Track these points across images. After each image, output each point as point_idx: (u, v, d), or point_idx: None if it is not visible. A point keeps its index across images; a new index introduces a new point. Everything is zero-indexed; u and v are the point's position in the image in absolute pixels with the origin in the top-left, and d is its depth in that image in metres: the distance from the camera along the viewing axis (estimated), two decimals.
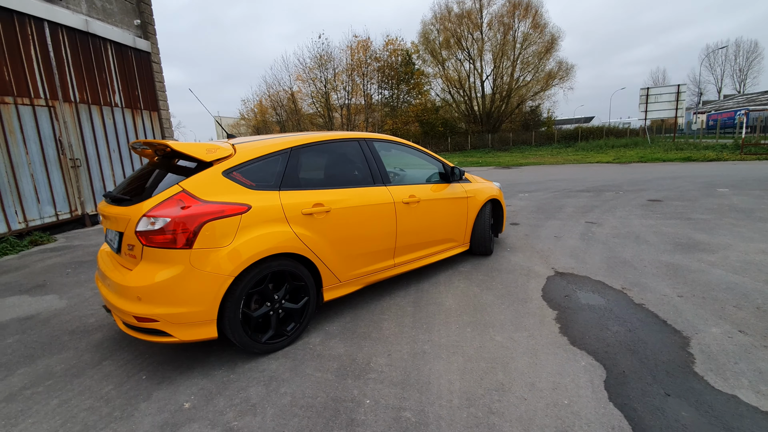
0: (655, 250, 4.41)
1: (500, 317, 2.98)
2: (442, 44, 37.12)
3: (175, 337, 2.26)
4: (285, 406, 2.09)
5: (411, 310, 3.18)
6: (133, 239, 2.29)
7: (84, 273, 4.60)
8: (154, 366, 2.54)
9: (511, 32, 35.44)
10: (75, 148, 7.39)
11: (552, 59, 35.58)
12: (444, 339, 2.70)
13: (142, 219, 2.24)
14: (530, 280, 3.70)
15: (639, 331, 2.68)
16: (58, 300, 3.80)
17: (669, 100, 25.84)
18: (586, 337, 2.64)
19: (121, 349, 2.78)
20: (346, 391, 2.19)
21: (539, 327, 2.81)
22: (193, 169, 2.50)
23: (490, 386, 2.17)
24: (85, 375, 2.48)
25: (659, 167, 14.55)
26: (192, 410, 2.09)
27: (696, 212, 6.21)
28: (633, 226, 5.52)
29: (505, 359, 2.42)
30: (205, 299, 2.29)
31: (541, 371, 2.29)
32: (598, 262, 4.13)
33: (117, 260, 2.55)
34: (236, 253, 2.36)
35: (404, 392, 2.16)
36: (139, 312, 2.21)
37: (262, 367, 2.47)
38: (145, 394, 2.25)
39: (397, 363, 2.44)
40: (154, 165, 2.86)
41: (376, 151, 3.42)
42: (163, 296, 2.22)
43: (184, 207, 2.26)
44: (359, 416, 1.98)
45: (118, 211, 2.43)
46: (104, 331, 3.08)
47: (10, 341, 2.99)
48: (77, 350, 2.80)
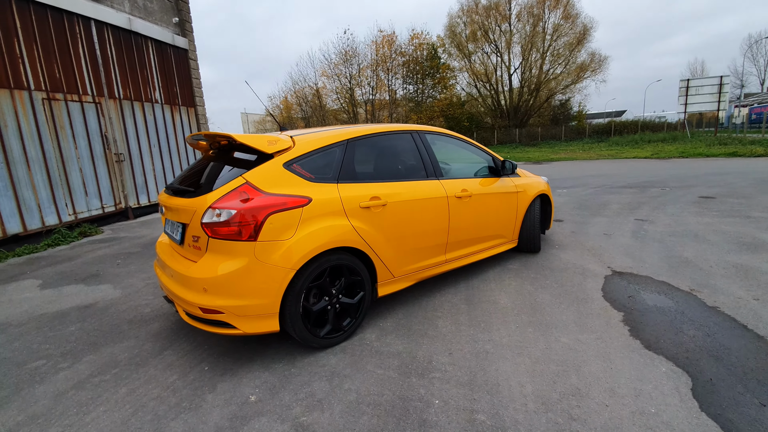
0: (718, 249, 4.14)
1: (561, 318, 2.85)
2: (468, 37, 36.48)
3: (239, 329, 2.25)
4: (352, 403, 2.04)
5: (465, 308, 3.08)
6: (198, 231, 2.29)
7: (133, 264, 4.72)
8: (214, 357, 2.55)
9: (541, 23, 34.42)
10: (119, 143, 7.62)
11: (584, 51, 34.35)
12: (506, 339, 2.60)
13: (208, 211, 2.23)
14: (587, 279, 3.53)
15: (718, 336, 2.49)
16: (113, 290, 3.90)
17: (711, 92, 24.51)
18: (661, 341, 2.48)
19: (180, 339, 2.81)
20: (412, 390, 2.12)
21: (607, 329, 2.66)
22: (253, 161, 2.48)
23: (565, 390, 2.06)
24: (148, 364, 2.51)
25: (703, 163, 13.80)
26: (259, 403, 2.07)
27: (755, 210, 5.82)
28: (689, 224, 5.22)
29: (577, 362, 2.30)
30: (268, 292, 2.27)
31: (619, 376, 2.15)
32: (658, 261, 3.91)
33: (180, 251, 2.57)
34: (298, 246, 2.33)
35: (473, 393, 2.07)
36: (205, 303, 2.21)
37: (321, 361, 2.44)
38: (209, 386, 2.25)
39: (460, 362, 2.36)
40: (210, 158, 2.86)
41: (429, 143, 3.33)
42: (228, 288, 2.20)
43: (249, 199, 2.24)
44: (430, 417, 1.91)
45: (181, 202, 2.43)
46: (161, 321, 3.12)
47: (72, 329, 3.08)
48: (138, 339, 2.85)
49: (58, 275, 4.44)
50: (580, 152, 22.73)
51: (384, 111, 40.09)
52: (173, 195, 2.63)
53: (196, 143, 3.14)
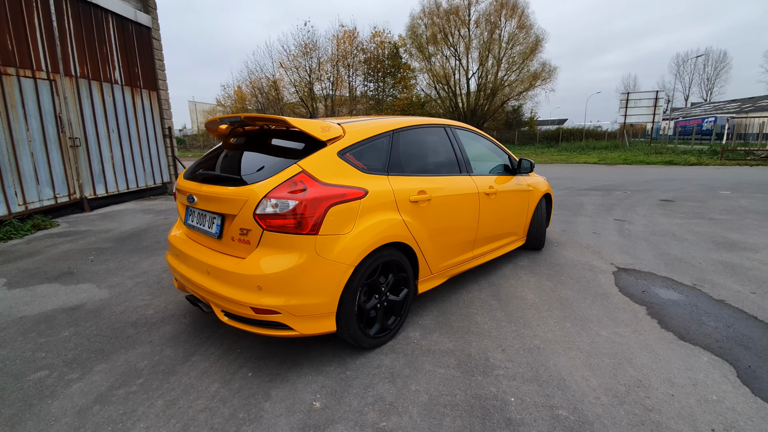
0: (699, 248, 4.53)
1: (591, 312, 2.94)
2: (429, 39, 37.12)
3: (295, 330, 2.07)
4: (426, 405, 1.95)
5: (496, 304, 3.09)
6: (249, 223, 2.07)
7: (110, 261, 4.23)
8: (253, 362, 2.33)
9: (498, 31, 35.89)
10: (75, 126, 6.81)
11: (536, 60, 36.31)
12: (549, 334, 2.63)
13: (263, 201, 2.03)
14: (597, 276, 3.69)
15: (737, 327, 2.71)
16: (97, 289, 3.46)
17: (647, 105, 26.95)
18: (690, 332, 2.64)
19: (204, 343, 2.54)
20: (483, 389, 2.07)
21: (637, 322, 2.78)
22: (300, 149, 2.30)
23: (628, 383, 2.12)
24: (178, 372, 2.24)
25: (647, 169, 15.13)
26: (326, 410, 1.92)
27: (713, 213, 6.46)
28: (663, 225, 5.66)
29: (626, 355, 2.38)
30: (327, 290, 2.11)
31: (669, 367, 2.25)
32: (652, 258, 4.19)
33: (216, 246, 2.31)
34: (357, 240, 2.19)
35: (544, 389, 2.07)
36: (259, 303, 2.01)
37: (375, 362, 2.32)
38: (262, 393, 2.05)
39: (517, 359, 2.35)
40: (235, 145, 2.62)
41: (460, 138, 3.30)
42: (286, 286, 2.02)
43: (306, 189, 2.06)
44: (513, 415, 1.88)
45: (223, 191, 2.19)
46: (173, 324, 2.81)
47: (66, 334, 2.68)
48: (153, 344, 2.54)
49: (22, 273, 3.86)
50: (533, 156, 23.97)
51: (344, 107, 39.69)
52: (206, 182, 2.36)
53: (215, 128, 2.86)
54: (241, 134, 2.78)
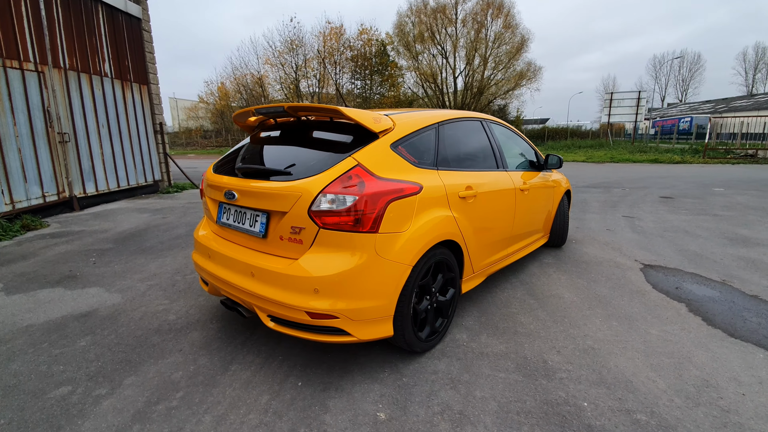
0: (714, 244, 4.56)
1: (633, 310, 2.89)
2: (416, 37, 37.05)
3: (354, 336, 1.92)
4: (498, 413, 1.84)
5: (535, 303, 3.01)
6: (303, 221, 1.91)
7: (115, 263, 3.97)
8: (299, 370, 2.17)
9: (484, 30, 36.11)
10: (63, 120, 6.43)
11: (521, 60, 36.74)
12: (599, 334, 2.56)
13: (319, 197, 1.87)
14: (626, 273, 3.66)
15: None
16: (107, 294, 3.22)
17: (630, 105, 27.62)
18: (737, 329, 2.60)
19: (239, 351, 2.36)
20: (551, 394, 1.97)
21: (682, 320, 2.74)
22: (348, 142, 2.14)
23: (695, 383, 2.05)
24: (219, 383, 2.06)
25: (635, 167, 15.44)
26: (393, 422, 1.78)
27: (715, 209, 6.57)
28: (671, 221, 5.72)
29: (684, 354, 2.32)
30: (386, 292, 1.97)
31: (730, 365, 2.20)
32: (673, 254, 4.19)
33: (259, 246, 2.13)
34: (414, 239, 2.06)
35: (613, 392, 1.98)
36: (317, 307, 1.85)
37: (429, 368, 2.19)
38: (318, 405, 1.89)
39: (575, 360, 2.26)
40: (275, 138, 2.45)
41: (495, 132, 3.20)
42: (345, 288, 1.87)
43: (363, 184, 1.92)
44: (592, 421, 1.78)
45: (272, 186, 2.01)
46: (201, 330, 2.62)
47: (83, 344, 2.46)
48: (184, 353, 2.35)
49: (19, 277, 3.57)
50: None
51: None
52: (246, 177, 2.18)
53: (244, 120, 2.68)
54: (273, 126, 2.61)
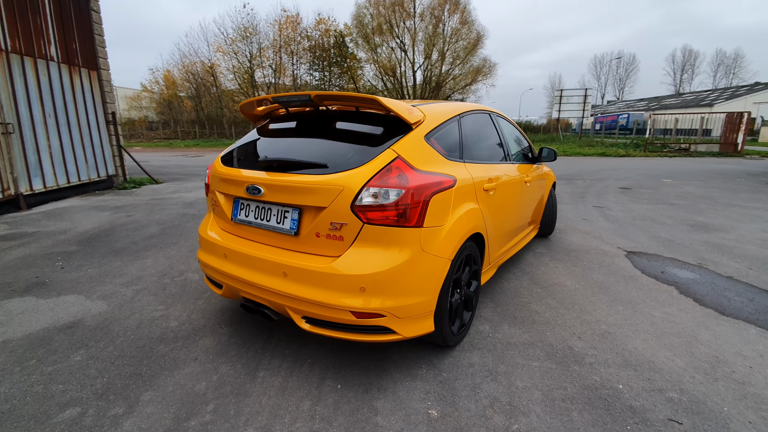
0: (680, 230, 4.96)
1: (631, 295, 3.06)
2: (375, 29, 36.82)
3: (399, 334, 1.87)
4: (545, 401, 1.87)
5: (542, 292, 3.10)
6: (345, 216, 1.81)
7: (87, 267, 3.59)
8: (333, 372, 2.08)
9: (441, 25, 36.61)
10: (6, 110, 5.70)
11: (477, 56, 37.76)
12: (610, 318, 2.69)
13: (364, 190, 1.78)
14: (614, 259, 3.88)
15: (759, 300, 2.97)
16: (89, 302, 2.90)
17: (578, 102, 29.30)
18: (726, 308, 2.84)
19: (261, 356, 2.22)
20: (586, 379, 2.04)
21: (677, 301, 2.95)
22: (380, 134, 2.07)
23: (707, 359, 2.21)
24: (251, 391, 1.93)
25: (586, 160, 16.44)
26: (447, 418, 1.75)
27: (670, 198, 7.15)
28: (636, 210, 6.14)
29: (688, 333, 2.49)
30: (430, 288, 1.93)
31: (731, 341, 2.40)
32: (648, 241, 4.50)
33: (288, 244, 2.00)
34: (453, 232, 2.03)
35: (641, 373, 2.09)
36: (363, 306, 1.77)
37: (464, 361, 2.19)
38: (366, 407, 1.82)
39: (597, 345, 2.36)
40: (291, 129, 2.32)
41: (501, 125, 3.23)
42: (392, 286, 1.80)
43: (406, 177, 1.85)
44: (632, 402, 1.86)
45: (308, 180, 1.88)
46: (210, 336, 2.43)
47: (78, 359, 2.19)
48: (200, 362, 2.17)
49: None
50: None
51: None
52: (272, 171, 2.03)
53: (251, 110, 2.51)
54: (284, 117, 2.46)
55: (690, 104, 42.70)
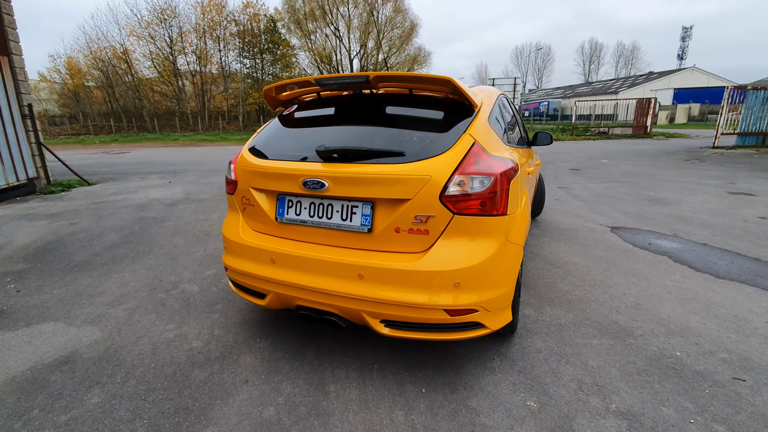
0: (642, 205, 5.46)
1: (637, 267, 3.29)
2: (308, 15, 35.60)
3: (488, 327, 1.78)
4: (624, 377, 1.92)
5: (559, 272, 3.21)
6: (433, 207, 1.67)
7: (51, 287, 3.01)
8: (407, 375, 1.95)
9: (376, 12, 36.46)
10: None
11: (412, 45, 38.28)
12: (633, 290, 2.85)
13: (453, 178, 1.65)
14: (604, 236, 4.14)
15: (738, 262, 3.35)
16: (74, 329, 2.43)
17: (508, 90, 31.08)
18: (717, 271, 3.16)
19: (322, 369, 2.02)
20: (646, 350, 2.14)
21: (676, 270, 3.22)
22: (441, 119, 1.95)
23: (731, 319, 2.43)
24: (332, 410, 1.73)
25: None
26: (548, 407, 1.72)
27: (617, 177, 7.85)
28: (596, 189, 6.65)
29: (703, 297, 2.72)
30: (512, 277, 1.87)
31: (738, 300, 2.66)
32: (621, 216, 4.88)
33: (359, 242, 1.80)
34: (522, 219, 1.99)
35: (687, 339, 2.23)
36: (457, 303, 1.66)
37: (531, 347, 2.17)
38: (464, 408, 1.73)
39: (636, 316, 2.48)
40: (330, 115, 2.11)
41: (515, 108, 3.24)
42: (483, 278, 1.71)
43: (486, 163, 1.76)
44: (696, 366, 1.98)
45: (386, 171, 1.70)
46: (250, 352, 2.16)
47: (96, 400, 1.81)
48: (254, 384, 1.91)
49: None
50: None
51: (218, 85, 35.65)
52: (334, 162, 1.81)
53: (275, 95, 2.23)
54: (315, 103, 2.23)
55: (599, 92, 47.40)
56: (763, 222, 4.49)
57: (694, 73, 45.63)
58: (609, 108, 25.11)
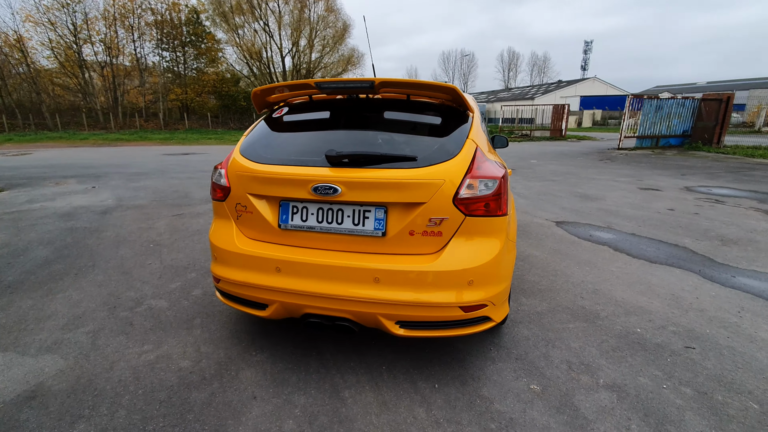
0: (575, 201, 6.10)
1: (584, 256, 3.70)
2: (234, 8, 33.72)
3: (494, 320, 1.91)
4: (603, 355, 2.17)
5: (523, 264, 3.49)
6: (446, 210, 1.75)
7: None
8: (416, 374, 2.02)
9: (307, 10, 35.75)
10: None
11: (346, 45, 38.17)
12: (588, 277, 3.20)
13: (465, 182, 1.75)
14: (552, 230, 4.57)
15: (663, 248, 3.92)
16: (30, 359, 2.12)
17: None
18: (650, 257, 3.68)
19: (331, 376, 2.01)
20: (613, 330, 2.43)
21: (617, 257, 3.68)
22: (439, 124, 2.05)
23: (671, 298, 2.86)
24: (354, 417, 1.74)
25: None
26: (549, 389, 1.90)
27: (548, 176, 8.65)
28: (534, 187, 7.28)
29: (644, 280, 3.15)
30: (510, 272, 2.03)
31: (671, 281, 3.13)
32: (560, 211, 5.42)
33: (371, 247, 1.82)
34: (513, 217, 2.17)
35: (642, 317, 2.58)
36: (470, 300, 1.76)
37: (520, 335, 2.36)
38: (478, 398, 1.84)
39: (597, 300, 2.80)
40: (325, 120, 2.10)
41: None
42: (492, 275, 1.83)
43: (488, 167, 1.89)
44: (657, 340, 2.31)
45: (402, 175, 1.74)
46: (248, 367, 2.06)
47: None
48: (264, 399, 1.84)
49: None
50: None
51: (132, 79, 32.38)
52: (343, 167, 1.80)
53: (264, 98, 2.17)
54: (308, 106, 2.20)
55: (518, 97, 51.50)
56: (673, 213, 5.29)
57: (595, 83, 51.54)
58: (529, 112, 27.43)
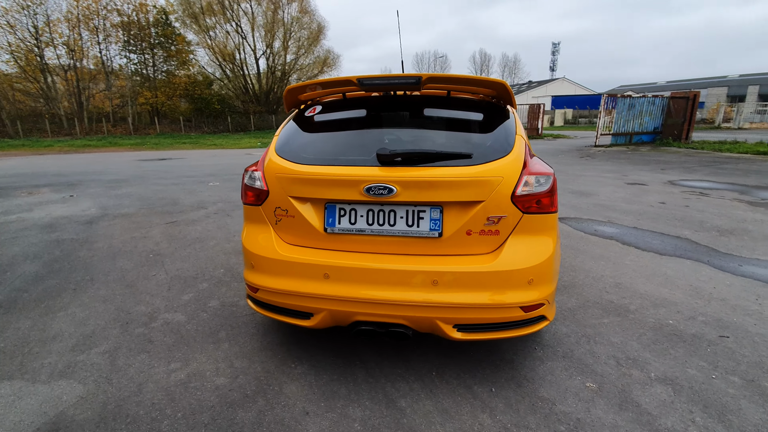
0: (570, 197, 6.21)
1: (597, 250, 3.75)
2: (205, 9, 32.82)
3: (549, 319, 1.88)
4: (645, 348, 2.18)
5: None
6: (505, 208, 1.70)
7: None
8: (469, 378, 1.96)
9: (281, 11, 35.21)
10: None
11: (321, 47, 37.83)
12: (606, 271, 3.24)
13: (523, 178, 1.71)
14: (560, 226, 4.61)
15: (668, 240, 4.03)
16: (44, 386, 1.93)
17: None
18: (657, 249, 3.76)
19: (381, 384, 1.92)
20: (646, 323, 2.45)
21: (627, 251, 3.74)
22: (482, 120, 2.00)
23: (690, 289, 2.92)
24: (416, 426, 1.66)
25: None
26: (605, 386, 1.88)
27: None
28: None
29: (660, 272, 3.22)
30: (559, 269, 1.99)
31: (685, 272, 3.21)
32: (562, 208, 5.49)
33: (426, 248, 1.75)
34: None
35: (670, 308, 2.62)
36: (531, 299, 1.72)
37: (559, 333, 2.34)
38: (539, 401, 1.79)
39: (624, 294, 2.83)
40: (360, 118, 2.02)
41: None
42: (549, 273, 1.79)
43: (537, 163, 1.87)
44: (691, 330, 2.34)
45: (461, 173, 1.67)
46: (290, 380, 1.95)
47: None
48: (318, 415, 1.74)
49: None
50: None
51: (97, 83, 30.96)
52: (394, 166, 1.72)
53: (297, 95, 2.06)
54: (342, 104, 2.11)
55: None
56: (665, 206, 5.46)
57: (564, 83, 53.27)
58: None
